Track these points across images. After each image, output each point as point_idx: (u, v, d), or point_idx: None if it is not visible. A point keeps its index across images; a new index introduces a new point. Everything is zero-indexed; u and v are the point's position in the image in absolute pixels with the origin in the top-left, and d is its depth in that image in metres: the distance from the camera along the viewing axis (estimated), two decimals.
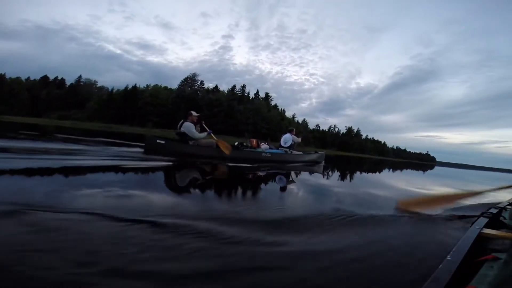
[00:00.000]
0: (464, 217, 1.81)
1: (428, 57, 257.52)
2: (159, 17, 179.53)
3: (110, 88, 50.76)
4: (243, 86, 55.77)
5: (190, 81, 51.87)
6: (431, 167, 25.02)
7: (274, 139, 9.93)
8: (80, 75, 55.99)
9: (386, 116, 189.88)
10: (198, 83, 52.41)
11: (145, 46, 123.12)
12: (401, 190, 4.37)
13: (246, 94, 55.01)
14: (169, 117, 41.54)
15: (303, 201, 2.52)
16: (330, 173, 5.97)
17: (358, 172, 7.46)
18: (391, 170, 10.97)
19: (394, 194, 3.59)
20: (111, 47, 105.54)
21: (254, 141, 6.40)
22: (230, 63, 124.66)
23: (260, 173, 4.22)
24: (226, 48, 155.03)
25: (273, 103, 60.85)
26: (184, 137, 5.06)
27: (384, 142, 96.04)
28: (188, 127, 5.04)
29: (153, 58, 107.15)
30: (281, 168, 5.34)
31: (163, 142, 4.98)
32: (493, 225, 1.43)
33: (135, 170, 3.09)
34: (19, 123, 19.30)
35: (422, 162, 78.83)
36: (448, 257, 0.89)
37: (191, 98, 46.73)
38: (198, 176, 3.33)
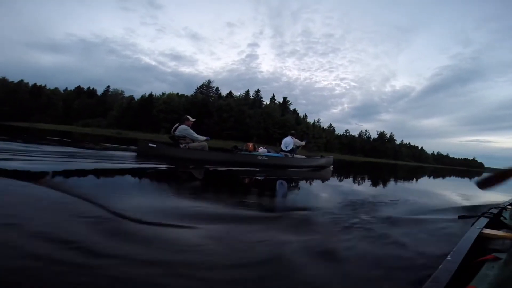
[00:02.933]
0: (464, 217, 1.69)
1: (469, 56, 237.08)
2: (187, 29, 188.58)
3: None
4: (257, 91, 56.43)
5: (205, 88, 53.61)
6: (479, 174, 23.45)
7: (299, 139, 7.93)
8: (108, 85, 61.67)
9: (426, 120, 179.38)
10: (214, 90, 54.16)
11: (177, 57, 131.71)
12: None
13: (261, 99, 55.47)
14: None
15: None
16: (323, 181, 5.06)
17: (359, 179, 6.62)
18: (420, 178, 10.05)
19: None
20: (147, 59, 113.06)
21: (251, 145, 6.24)
22: (257, 71, 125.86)
23: (247, 179, 4.01)
24: (252, 57, 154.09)
25: (291, 107, 60.86)
26: (177, 141, 5.14)
27: (422, 148, 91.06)
28: (186, 129, 5.15)
29: (185, 69, 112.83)
30: (280, 174, 5.07)
31: (155, 145, 5.04)
32: (493, 225, 1.40)
33: (115, 172, 3.02)
34: (48, 129, 21.96)
35: (467, 168, 74.35)
36: (448, 257, 0.90)
37: (203, 104, 47.97)
38: (172, 181, 3.13)
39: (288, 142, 6.65)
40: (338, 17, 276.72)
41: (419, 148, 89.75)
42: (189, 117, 5.34)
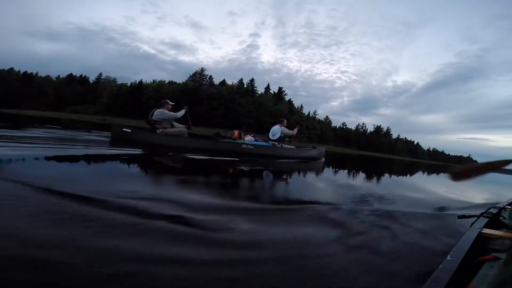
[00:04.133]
0: (464, 217, 1.67)
1: (474, 54, 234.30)
2: (188, 17, 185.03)
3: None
4: (252, 80, 55.90)
5: (198, 76, 53.08)
6: None
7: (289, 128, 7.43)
8: (101, 73, 61.41)
9: (425, 116, 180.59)
10: (207, 78, 53.79)
11: (177, 46, 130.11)
12: None
13: (255, 88, 55.22)
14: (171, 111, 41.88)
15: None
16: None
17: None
18: (415, 174, 10.23)
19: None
20: (146, 47, 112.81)
21: (236, 132, 5.90)
22: (258, 61, 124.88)
23: (228, 169, 3.75)
24: (253, 47, 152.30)
25: (287, 98, 60.78)
26: (154, 126, 4.92)
27: (418, 143, 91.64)
28: (163, 113, 4.93)
29: (185, 58, 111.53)
30: (266, 164, 4.84)
31: (129, 130, 4.80)
32: (493, 225, 1.42)
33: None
34: (36, 116, 21.40)
35: None
36: (448, 257, 0.91)
37: (193, 91, 47.80)
38: (142, 169, 2.88)
39: (276, 130, 6.30)
40: (343, 10, 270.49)
41: (415, 143, 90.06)
42: (168, 100, 5.13)
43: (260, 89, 57.92)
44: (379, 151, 63.06)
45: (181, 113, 5.11)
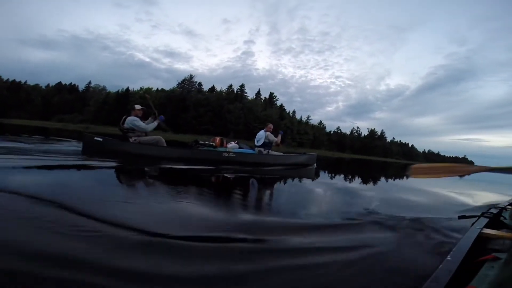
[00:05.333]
0: (464, 217, 1.73)
1: (464, 56, 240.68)
2: (183, 25, 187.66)
3: None
4: (241, 86, 55.43)
5: (187, 82, 52.57)
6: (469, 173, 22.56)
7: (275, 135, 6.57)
8: (90, 81, 58.45)
9: (419, 119, 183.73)
10: (196, 85, 53.31)
11: (172, 54, 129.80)
12: None
13: (245, 94, 54.81)
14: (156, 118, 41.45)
15: None
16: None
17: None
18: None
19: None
20: (140, 56, 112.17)
21: (218, 139, 5.53)
22: (253, 68, 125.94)
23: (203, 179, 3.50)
24: (248, 54, 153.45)
25: (278, 103, 60.54)
26: (126, 134, 4.63)
27: (412, 145, 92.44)
28: (133, 120, 4.62)
29: (180, 66, 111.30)
30: (252, 172, 4.56)
31: (101, 139, 4.57)
32: (493, 225, 1.44)
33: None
34: (21, 125, 20.90)
35: None
36: (448, 257, 0.92)
37: (180, 98, 47.36)
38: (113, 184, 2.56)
39: (260, 136, 5.97)
40: (335, 15, 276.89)
41: (410, 145, 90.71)
42: (136, 106, 4.86)
43: (252, 95, 58.12)
44: (373, 155, 63.21)
45: (152, 125, 4.79)
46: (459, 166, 1.81)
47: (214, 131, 38.85)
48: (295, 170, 5.75)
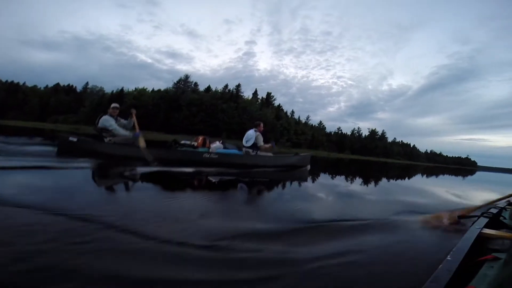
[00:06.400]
0: (464, 217, 1.79)
1: (467, 56, 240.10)
2: (184, 25, 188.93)
3: None
4: (238, 85, 54.73)
5: (182, 82, 52.03)
6: (472, 172, 23.56)
7: (266, 140, 5.84)
8: (87, 82, 60.66)
9: (422, 119, 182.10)
10: (192, 85, 52.86)
11: (174, 55, 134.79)
12: None
13: (241, 94, 54.22)
14: (149, 118, 42.48)
15: None
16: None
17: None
18: (413, 176, 9.85)
19: None
20: (142, 56, 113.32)
21: (200, 139, 5.17)
22: (254, 69, 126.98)
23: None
24: (249, 54, 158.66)
25: (276, 103, 59.88)
26: (101, 134, 4.56)
27: (414, 146, 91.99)
28: (107, 120, 4.52)
29: (182, 67, 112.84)
30: (237, 174, 4.33)
31: (75, 139, 4.50)
32: (493, 225, 1.45)
33: None
34: (16, 126, 21.06)
35: (460, 167, 75.49)
36: (448, 257, 0.93)
37: (174, 98, 46.91)
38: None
39: (250, 135, 5.57)
40: (337, 15, 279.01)
41: (411, 146, 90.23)
42: (112, 104, 4.74)
43: (250, 96, 57.74)
44: (373, 155, 62.93)
45: (123, 132, 4.58)
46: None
47: (206, 131, 38.44)
48: (286, 172, 5.50)
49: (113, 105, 4.66)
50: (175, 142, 5.23)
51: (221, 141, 5.59)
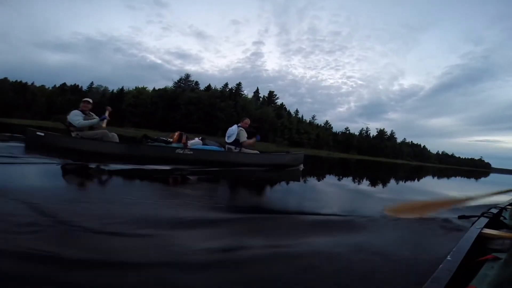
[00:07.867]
0: (464, 217, 1.75)
1: (481, 55, 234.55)
2: (193, 26, 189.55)
3: None
4: (238, 84, 55.04)
5: (183, 81, 52.89)
6: (486, 174, 23.27)
7: (264, 138, 5.57)
8: (92, 82, 61.49)
9: (435, 120, 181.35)
10: (193, 84, 53.50)
11: (183, 56, 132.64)
12: None
13: (241, 92, 54.38)
14: (148, 117, 43.33)
15: None
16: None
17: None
18: (422, 178, 9.67)
19: None
20: (152, 57, 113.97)
21: (176, 135, 4.89)
22: (262, 69, 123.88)
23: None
24: (257, 55, 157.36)
25: (279, 101, 59.62)
26: (69, 128, 4.55)
27: (424, 146, 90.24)
28: (74, 115, 4.47)
29: (191, 67, 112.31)
30: (216, 173, 4.20)
31: (42, 134, 4.53)
32: (493, 225, 1.44)
33: None
34: (21, 124, 21.59)
35: (473, 168, 74.95)
36: (448, 257, 0.93)
37: (172, 97, 47.15)
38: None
39: (232, 131, 5.30)
40: (346, 15, 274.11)
41: (422, 146, 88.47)
42: (85, 99, 4.71)
43: (252, 94, 58.11)
44: (381, 156, 61.73)
45: (86, 122, 4.41)
46: (438, 202, 1.83)
47: (203, 130, 38.75)
48: (276, 171, 5.29)
49: (84, 99, 4.65)
50: (146, 137, 4.99)
51: (200, 138, 5.37)
